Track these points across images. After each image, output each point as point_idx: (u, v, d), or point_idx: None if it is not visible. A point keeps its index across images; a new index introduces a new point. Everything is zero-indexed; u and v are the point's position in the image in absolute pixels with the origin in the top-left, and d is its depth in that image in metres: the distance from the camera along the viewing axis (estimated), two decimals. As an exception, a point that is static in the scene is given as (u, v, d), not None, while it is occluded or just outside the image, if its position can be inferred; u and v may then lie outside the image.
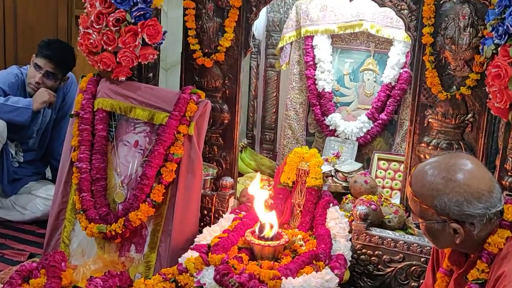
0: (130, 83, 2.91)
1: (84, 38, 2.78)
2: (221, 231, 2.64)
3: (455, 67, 2.65)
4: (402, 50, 3.50)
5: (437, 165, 1.69)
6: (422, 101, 2.76)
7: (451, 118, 2.70)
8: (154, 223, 2.79)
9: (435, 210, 1.63)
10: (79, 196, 2.82)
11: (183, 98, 2.77)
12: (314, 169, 2.84)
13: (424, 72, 2.71)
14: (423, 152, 2.77)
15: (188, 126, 2.75)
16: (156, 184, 2.73)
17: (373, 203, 2.78)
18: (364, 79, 3.69)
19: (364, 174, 3.12)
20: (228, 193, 2.94)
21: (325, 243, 2.50)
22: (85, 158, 2.85)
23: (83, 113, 2.91)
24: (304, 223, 2.77)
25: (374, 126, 3.62)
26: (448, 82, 2.68)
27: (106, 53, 2.77)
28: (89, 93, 2.93)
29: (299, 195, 2.85)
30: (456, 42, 2.60)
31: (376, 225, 2.72)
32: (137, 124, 2.92)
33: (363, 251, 2.63)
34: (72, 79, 3.61)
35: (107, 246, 2.83)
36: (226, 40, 2.98)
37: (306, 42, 3.77)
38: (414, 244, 2.56)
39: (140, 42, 2.74)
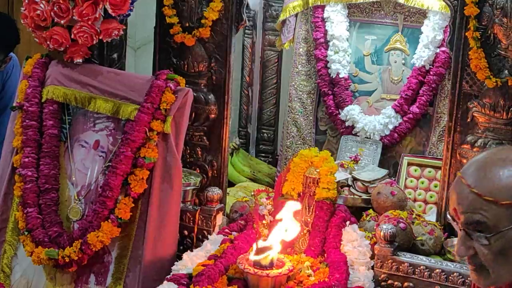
0: (88, 67, 2.91)
1: (29, 8, 2.77)
2: (206, 256, 2.64)
3: (507, 46, 2.65)
4: (439, 24, 3.50)
5: (497, 156, 1.68)
6: (465, 89, 2.76)
7: (502, 111, 2.70)
8: (120, 246, 2.79)
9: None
10: (23, 212, 2.81)
11: (157, 86, 2.77)
12: (325, 177, 2.84)
13: (467, 52, 2.71)
14: (466, 155, 2.77)
15: (163, 122, 2.75)
16: (122, 196, 2.73)
17: (402, 220, 2.78)
18: (390, 61, 3.70)
19: (391, 183, 3.12)
20: (215, 208, 2.94)
21: (340, 273, 2.50)
22: (30, 163, 2.84)
23: (28, 105, 2.90)
24: (313, 247, 2.77)
25: (403, 121, 3.62)
26: (498, 65, 2.68)
27: (58, 27, 2.76)
28: (36, 79, 2.93)
29: (306, 210, 2.86)
30: (508, 14, 2.61)
31: (405, 249, 2.73)
32: (98, 119, 2.92)
33: (388, 282, 2.64)
34: (14, 62, 3.60)
35: (59, 276, 2.82)
36: (212, 11, 2.97)
37: (315, 13, 3.77)
38: (454, 274, 2.56)
39: (101, 14, 2.74)
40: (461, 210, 1.63)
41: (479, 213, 1.60)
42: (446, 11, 3.34)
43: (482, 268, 1.65)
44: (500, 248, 1.61)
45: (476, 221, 1.60)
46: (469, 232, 1.61)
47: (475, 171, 1.63)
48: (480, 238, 1.61)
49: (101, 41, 2.85)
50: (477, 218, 1.60)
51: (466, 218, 1.61)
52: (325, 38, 3.74)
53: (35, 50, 3.19)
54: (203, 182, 3.12)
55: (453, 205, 1.66)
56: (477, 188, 1.60)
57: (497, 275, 1.66)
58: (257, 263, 2.49)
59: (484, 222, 1.59)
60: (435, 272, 2.59)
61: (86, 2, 2.70)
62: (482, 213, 1.59)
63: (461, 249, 1.64)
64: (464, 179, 1.63)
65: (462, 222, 1.62)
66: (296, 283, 2.51)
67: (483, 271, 1.66)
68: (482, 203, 1.59)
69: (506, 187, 1.58)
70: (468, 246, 1.63)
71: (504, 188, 1.58)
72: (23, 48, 3.73)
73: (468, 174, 1.64)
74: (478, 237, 1.61)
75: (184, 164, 3.00)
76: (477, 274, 1.67)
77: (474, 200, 1.60)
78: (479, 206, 1.60)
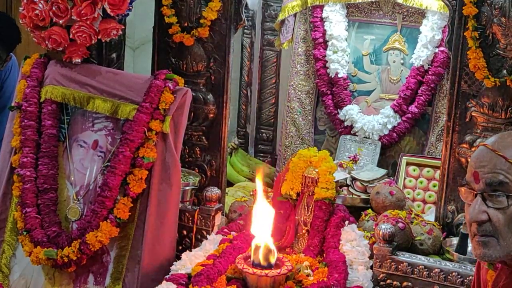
0: (87, 67, 2.91)
1: (28, 8, 2.77)
2: (205, 256, 2.64)
3: (505, 45, 2.65)
4: (437, 23, 3.51)
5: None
6: (464, 89, 2.76)
7: (501, 111, 2.70)
8: (119, 246, 2.79)
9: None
10: (22, 213, 2.81)
11: (155, 85, 2.77)
12: (324, 176, 2.84)
13: (465, 52, 2.71)
14: (465, 154, 2.78)
15: (162, 122, 2.75)
16: (121, 196, 2.73)
17: (401, 220, 2.78)
18: (389, 61, 3.70)
19: (389, 183, 3.12)
20: (214, 207, 2.94)
21: (338, 272, 2.50)
22: (29, 163, 2.84)
23: (26, 105, 2.90)
24: (312, 246, 2.77)
25: (402, 121, 3.62)
26: (497, 65, 2.69)
27: (57, 27, 2.76)
28: (35, 79, 2.92)
29: (305, 210, 2.86)
30: (507, 14, 2.61)
31: (404, 249, 2.73)
32: (97, 119, 2.91)
33: (387, 282, 2.64)
34: (13, 62, 3.60)
35: (58, 276, 2.82)
36: (211, 11, 2.97)
37: (314, 13, 3.77)
38: (453, 273, 2.56)
39: (100, 14, 2.74)
40: (484, 171, 1.69)
41: (503, 174, 1.66)
42: (444, 11, 3.34)
43: (490, 238, 1.69)
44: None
45: (499, 181, 1.66)
46: (486, 197, 1.67)
47: (499, 140, 1.71)
48: (498, 201, 1.67)
49: (99, 41, 2.85)
50: (500, 178, 1.66)
51: (488, 178, 1.67)
52: (324, 38, 3.74)
53: (34, 50, 3.19)
54: (202, 182, 3.12)
55: (473, 169, 1.72)
56: (502, 152, 1.67)
57: (508, 243, 1.68)
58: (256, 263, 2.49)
59: (506, 183, 1.66)
60: (434, 271, 2.59)
61: (85, 2, 2.70)
62: (505, 174, 1.66)
63: (474, 213, 1.69)
64: (490, 146, 1.70)
65: (483, 182, 1.68)
66: (295, 283, 2.51)
67: (490, 242, 1.69)
68: (506, 166, 1.66)
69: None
70: (482, 211, 1.69)
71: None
72: (21, 48, 3.73)
73: (492, 141, 1.71)
74: (496, 200, 1.67)
75: (183, 164, 3.01)
76: (483, 246, 1.70)
77: (499, 163, 1.67)
78: (503, 168, 1.66)
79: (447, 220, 2.91)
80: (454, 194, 2.86)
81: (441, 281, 2.57)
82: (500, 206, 1.65)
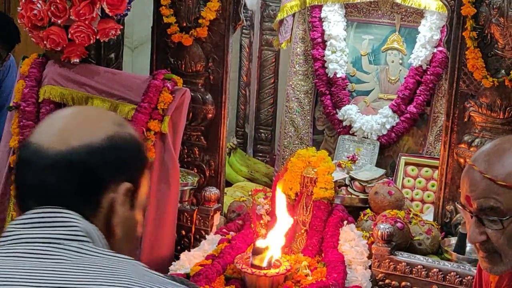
0: (85, 67, 2.91)
1: (26, 8, 2.77)
2: (203, 256, 2.64)
3: (503, 45, 2.65)
4: (436, 24, 3.51)
5: (507, 142, 1.69)
6: (462, 89, 2.77)
7: (499, 111, 2.70)
8: (117, 246, 2.79)
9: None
10: (20, 213, 2.81)
11: (154, 85, 2.77)
12: (323, 176, 2.85)
13: (464, 52, 2.71)
14: (463, 154, 2.78)
15: (160, 122, 2.75)
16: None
17: (399, 220, 2.79)
18: (388, 61, 3.70)
19: (388, 183, 3.12)
20: (212, 207, 2.94)
21: (337, 272, 2.50)
22: (27, 163, 2.84)
23: (25, 105, 2.90)
24: (311, 246, 2.78)
25: (401, 121, 3.62)
26: (495, 65, 2.69)
27: (55, 27, 2.76)
28: (33, 79, 2.92)
29: (304, 210, 2.86)
30: (505, 14, 2.61)
31: (403, 249, 2.73)
32: (95, 119, 2.91)
33: (386, 281, 2.64)
34: (11, 61, 3.60)
35: (57, 276, 2.82)
36: (209, 11, 2.98)
37: (312, 13, 3.77)
38: (451, 273, 2.57)
39: (98, 14, 2.74)
40: (475, 196, 1.63)
41: (493, 198, 1.61)
42: (443, 11, 3.35)
43: (494, 254, 1.66)
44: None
45: (490, 207, 1.61)
46: (482, 218, 1.61)
47: (486, 158, 1.64)
48: (494, 222, 1.62)
49: (98, 41, 2.85)
50: (491, 203, 1.61)
51: (479, 204, 1.61)
52: (322, 38, 3.74)
53: (32, 50, 3.18)
54: (201, 182, 3.12)
55: (465, 192, 1.67)
56: (490, 174, 1.61)
57: (510, 259, 1.67)
58: (254, 263, 2.49)
59: (498, 207, 1.60)
60: (432, 271, 2.59)
61: (83, 1, 2.70)
62: (496, 197, 1.61)
63: (473, 235, 1.64)
64: (476, 166, 1.64)
65: (475, 208, 1.62)
66: (294, 283, 2.51)
67: (495, 257, 1.66)
68: (495, 188, 1.60)
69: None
70: (481, 232, 1.64)
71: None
72: (19, 48, 3.73)
73: (479, 161, 1.65)
74: (491, 221, 1.62)
75: (182, 164, 3.01)
76: (488, 262, 1.68)
77: (488, 186, 1.61)
78: (492, 191, 1.61)
79: (446, 220, 2.91)
80: (452, 194, 2.87)
81: (440, 281, 2.58)
82: (497, 228, 1.60)
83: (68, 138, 1.14)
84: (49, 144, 1.14)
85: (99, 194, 1.15)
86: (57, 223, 1.11)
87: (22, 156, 1.17)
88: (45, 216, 1.12)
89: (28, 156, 1.15)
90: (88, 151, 1.13)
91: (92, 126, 1.18)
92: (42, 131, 1.18)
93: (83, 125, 1.18)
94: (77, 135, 1.15)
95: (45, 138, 1.15)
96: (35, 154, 1.14)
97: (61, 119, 1.21)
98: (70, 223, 1.11)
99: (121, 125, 1.21)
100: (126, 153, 1.19)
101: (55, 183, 1.13)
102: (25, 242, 1.10)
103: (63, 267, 1.06)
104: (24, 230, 1.11)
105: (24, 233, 1.11)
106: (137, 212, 1.22)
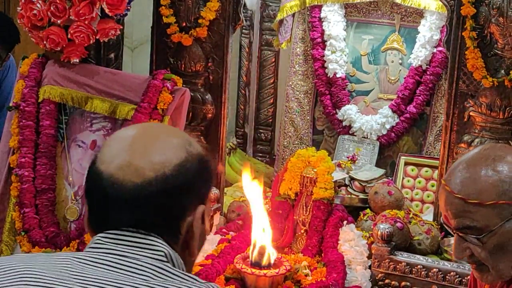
0: (85, 67, 2.91)
1: (26, 8, 2.77)
2: (203, 257, 2.64)
3: (503, 45, 2.66)
4: (435, 23, 3.51)
5: (477, 158, 1.68)
6: (462, 89, 2.77)
7: (499, 111, 2.71)
8: (117, 247, 2.79)
9: (507, 199, 1.60)
10: (20, 213, 2.81)
11: (154, 85, 2.77)
12: (323, 176, 2.85)
13: (464, 52, 2.71)
14: (463, 154, 2.77)
15: (160, 122, 2.75)
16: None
17: (399, 220, 2.79)
18: (387, 61, 3.70)
19: (388, 183, 3.13)
20: (212, 207, 2.94)
21: (337, 272, 2.50)
22: (27, 164, 2.84)
23: (24, 105, 2.89)
24: (311, 246, 2.78)
25: (400, 121, 3.63)
26: (495, 65, 2.69)
27: (55, 27, 2.76)
28: (33, 79, 2.92)
29: (303, 210, 2.86)
30: (505, 14, 2.61)
31: (402, 249, 2.73)
32: (95, 119, 2.92)
33: (386, 281, 2.64)
34: (11, 62, 3.60)
35: (56, 276, 2.82)
36: (209, 11, 2.98)
37: (312, 13, 3.77)
38: (451, 273, 2.57)
39: (98, 14, 2.74)
40: (451, 216, 1.64)
41: (468, 217, 1.60)
42: (443, 11, 3.35)
43: (482, 266, 1.66)
44: (495, 245, 1.62)
45: (466, 226, 1.61)
46: (462, 235, 1.61)
47: (457, 176, 1.64)
48: (473, 239, 1.62)
49: (98, 41, 2.85)
50: (467, 222, 1.61)
51: (456, 224, 1.62)
52: (322, 38, 3.74)
53: (32, 50, 3.18)
54: (200, 182, 3.12)
55: (442, 211, 1.67)
56: (461, 193, 1.60)
57: (497, 270, 1.67)
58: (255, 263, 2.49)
59: (474, 226, 1.60)
60: (432, 271, 2.59)
61: (83, 1, 2.70)
62: (470, 216, 1.60)
63: (457, 252, 1.65)
64: (448, 186, 1.64)
65: (454, 227, 1.62)
66: (294, 283, 2.52)
67: (483, 268, 1.67)
68: (468, 207, 1.60)
69: (489, 187, 1.59)
70: (464, 248, 1.64)
71: (487, 188, 1.59)
72: (19, 48, 3.73)
73: (451, 180, 1.65)
74: (471, 239, 1.62)
75: (181, 164, 3.00)
76: (479, 272, 1.68)
77: (460, 205, 1.61)
78: (466, 210, 1.60)
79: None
80: (452, 194, 2.86)
81: (439, 281, 2.58)
82: (477, 243, 1.60)
83: (143, 169, 1.15)
84: (124, 177, 1.15)
85: (179, 220, 1.18)
86: (144, 245, 1.14)
87: (96, 186, 1.19)
88: (132, 236, 1.15)
89: (104, 187, 1.16)
90: (164, 180, 1.15)
91: (162, 152, 1.18)
92: (111, 159, 1.18)
93: (153, 153, 1.18)
94: (151, 166, 1.15)
95: (118, 170, 1.16)
96: (112, 187, 1.15)
97: (128, 144, 1.20)
98: (155, 246, 1.14)
99: (190, 145, 1.22)
100: (198, 176, 1.20)
101: (133, 216, 1.16)
102: (115, 254, 1.13)
103: (147, 284, 1.10)
104: (113, 245, 1.14)
105: (114, 247, 1.14)
106: (206, 222, 1.25)
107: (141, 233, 1.15)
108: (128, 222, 1.15)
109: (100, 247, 1.14)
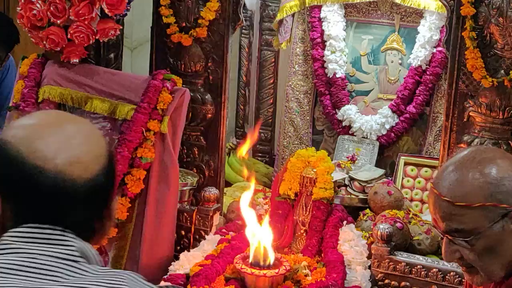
0: (85, 67, 2.91)
1: (26, 8, 2.77)
2: (203, 257, 2.64)
3: (503, 45, 2.65)
4: (435, 24, 3.51)
5: (464, 160, 1.68)
6: (461, 89, 2.77)
7: (498, 111, 2.70)
8: (117, 247, 2.79)
9: (495, 201, 1.60)
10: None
11: (153, 85, 2.77)
12: (322, 176, 2.85)
13: (463, 52, 2.71)
14: (455, 156, 2.78)
15: (160, 122, 2.75)
16: (119, 196, 2.73)
17: (399, 220, 2.79)
18: (387, 61, 3.70)
19: (387, 183, 3.13)
20: (212, 208, 2.94)
21: (337, 272, 2.50)
22: (27, 164, 2.84)
23: (24, 106, 2.90)
24: (310, 246, 2.78)
25: (400, 121, 3.63)
26: (494, 65, 2.69)
27: (54, 27, 2.76)
28: (32, 79, 2.92)
29: (303, 210, 2.86)
30: (504, 14, 2.61)
31: (402, 249, 2.73)
32: (95, 119, 2.91)
33: (385, 281, 2.64)
34: (11, 62, 3.60)
35: (56, 277, 2.82)
36: (209, 11, 2.98)
37: (312, 13, 3.77)
38: (451, 273, 2.57)
39: (98, 14, 2.74)
40: (439, 219, 1.64)
41: (456, 220, 1.61)
42: (442, 11, 3.35)
43: (472, 268, 1.67)
44: (483, 247, 1.62)
45: (455, 229, 1.61)
46: (451, 238, 1.62)
47: (445, 179, 1.64)
48: (462, 242, 1.63)
49: (97, 41, 2.85)
50: (454, 226, 1.61)
51: (444, 227, 1.62)
52: (322, 38, 3.74)
53: (31, 50, 3.19)
54: (200, 182, 3.12)
55: (431, 214, 1.68)
56: (448, 196, 1.61)
57: (486, 272, 1.67)
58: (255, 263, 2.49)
59: (462, 228, 1.61)
60: (432, 271, 2.59)
61: (83, 2, 2.70)
62: (458, 219, 1.61)
63: (447, 255, 1.66)
64: (436, 189, 1.64)
65: (442, 230, 1.63)
66: (293, 283, 2.52)
67: (473, 271, 1.67)
68: (456, 210, 1.60)
69: (476, 189, 1.59)
70: (453, 250, 1.65)
71: (475, 190, 1.59)
72: (19, 48, 3.73)
73: (438, 183, 1.65)
74: (459, 241, 1.62)
75: (181, 164, 3.01)
76: (469, 274, 1.69)
77: (448, 208, 1.61)
78: (454, 213, 1.61)
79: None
80: (452, 194, 2.86)
81: (439, 281, 2.58)
82: (465, 246, 1.61)
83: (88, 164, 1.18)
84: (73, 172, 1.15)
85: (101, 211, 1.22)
86: (54, 241, 1.14)
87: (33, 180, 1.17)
88: (42, 233, 1.14)
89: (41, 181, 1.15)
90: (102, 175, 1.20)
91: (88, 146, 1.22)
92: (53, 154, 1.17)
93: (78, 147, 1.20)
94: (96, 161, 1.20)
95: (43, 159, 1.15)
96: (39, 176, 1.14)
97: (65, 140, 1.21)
98: (66, 242, 1.14)
99: None
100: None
101: (55, 211, 1.15)
102: (23, 253, 1.12)
103: (58, 285, 1.09)
104: (21, 244, 1.13)
105: (22, 246, 1.13)
106: None
107: (56, 229, 1.14)
108: (45, 212, 1.15)
109: (7, 248, 1.13)
